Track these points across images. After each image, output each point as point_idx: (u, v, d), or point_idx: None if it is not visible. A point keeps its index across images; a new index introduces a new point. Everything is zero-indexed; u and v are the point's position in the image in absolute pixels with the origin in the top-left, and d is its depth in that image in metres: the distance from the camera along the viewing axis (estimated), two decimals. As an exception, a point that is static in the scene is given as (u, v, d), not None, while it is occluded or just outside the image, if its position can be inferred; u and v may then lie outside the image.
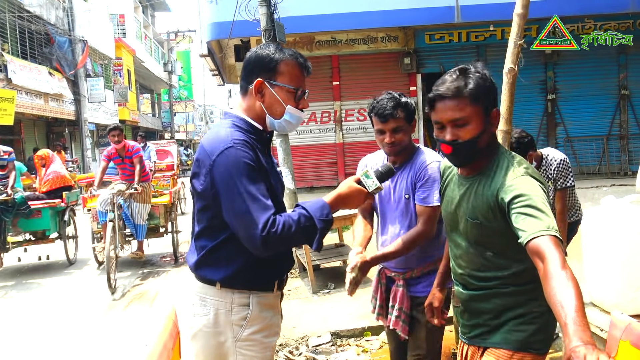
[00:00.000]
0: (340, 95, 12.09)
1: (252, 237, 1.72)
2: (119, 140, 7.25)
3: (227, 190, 1.75)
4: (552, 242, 1.52)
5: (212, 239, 1.88)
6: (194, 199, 1.93)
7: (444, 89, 1.79)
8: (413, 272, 2.59)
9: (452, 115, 1.77)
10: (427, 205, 2.47)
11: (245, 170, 1.75)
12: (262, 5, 6.92)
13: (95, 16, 20.96)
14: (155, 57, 34.10)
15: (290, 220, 1.74)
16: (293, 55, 1.91)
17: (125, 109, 25.49)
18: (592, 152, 11.94)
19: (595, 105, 11.90)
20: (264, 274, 1.92)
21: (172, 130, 37.47)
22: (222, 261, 1.88)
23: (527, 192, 1.65)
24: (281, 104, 1.89)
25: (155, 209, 7.84)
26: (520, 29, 3.14)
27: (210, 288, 1.90)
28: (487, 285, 1.85)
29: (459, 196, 1.89)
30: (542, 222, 1.57)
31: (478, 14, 10.76)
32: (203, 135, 1.97)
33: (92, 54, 21.02)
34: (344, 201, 1.89)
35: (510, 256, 1.79)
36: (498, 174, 1.76)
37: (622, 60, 11.89)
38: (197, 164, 1.87)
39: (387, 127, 2.47)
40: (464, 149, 1.78)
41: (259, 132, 1.93)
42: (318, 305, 5.32)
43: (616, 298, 2.16)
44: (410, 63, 11.78)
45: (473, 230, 1.83)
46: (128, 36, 26.63)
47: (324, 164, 12.03)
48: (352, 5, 10.72)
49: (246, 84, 1.92)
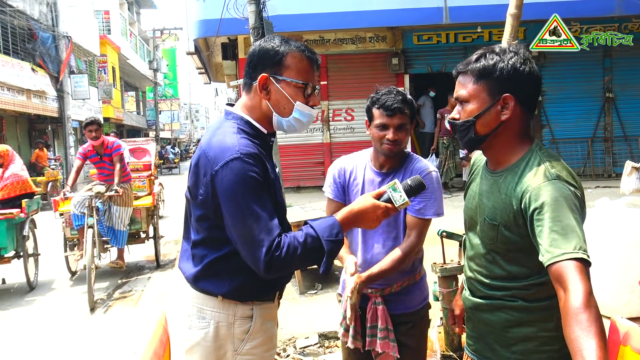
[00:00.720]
0: (328, 95, 12.05)
1: (254, 260, 1.60)
2: (97, 136, 6.48)
3: (230, 207, 1.61)
4: (577, 270, 1.38)
5: (215, 250, 1.74)
6: (190, 205, 1.80)
7: (461, 63, 1.68)
8: (392, 287, 2.37)
9: (457, 92, 1.66)
10: (423, 218, 2.30)
11: (251, 187, 1.61)
12: (251, 3, 6.85)
13: (80, 12, 20.67)
14: (141, 54, 33.81)
15: (296, 242, 1.61)
16: (300, 48, 1.75)
17: (109, 106, 25.22)
18: (577, 154, 12.04)
19: (580, 108, 12.00)
20: (268, 285, 1.80)
21: (157, 128, 37.17)
22: (226, 274, 1.74)
23: (556, 201, 1.47)
24: (289, 100, 1.73)
25: (136, 212, 7.09)
26: (513, 30, 3.14)
27: (210, 299, 1.77)
28: (495, 295, 1.69)
29: (481, 192, 1.72)
30: (568, 242, 1.41)
31: (466, 16, 10.79)
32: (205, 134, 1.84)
33: (77, 50, 20.75)
34: (358, 218, 1.71)
35: (526, 267, 1.62)
36: (526, 174, 1.57)
37: (607, 64, 12.01)
38: (196, 170, 1.71)
39: (392, 122, 2.26)
40: (460, 130, 1.66)
41: (263, 136, 1.77)
42: (305, 306, 5.27)
43: (611, 301, 2.14)
44: (398, 63, 11.78)
45: (489, 232, 1.66)
46: (113, 33, 26.35)
47: (311, 164, 11.98)
48: (341, 5, 10.69)
49: (250, 80, 1.77)
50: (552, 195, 1.48)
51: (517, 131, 1.64)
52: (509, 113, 1.60)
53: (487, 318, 1.72)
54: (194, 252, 1.79)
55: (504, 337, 1.68)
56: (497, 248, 1.66)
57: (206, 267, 1.75)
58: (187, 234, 1.86)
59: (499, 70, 1.60)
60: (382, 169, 2.40)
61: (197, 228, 1.76)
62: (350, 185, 2.46)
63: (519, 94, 1.61)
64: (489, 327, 1.72)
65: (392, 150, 2.30)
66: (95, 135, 6.46)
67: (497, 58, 1.61)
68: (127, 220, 6.71)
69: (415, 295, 2.46)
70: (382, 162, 2.39)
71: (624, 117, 12.08)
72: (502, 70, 1.59)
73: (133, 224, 7.09)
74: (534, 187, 1.52)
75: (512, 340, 1.67)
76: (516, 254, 1.62)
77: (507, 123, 1.62)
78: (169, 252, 8.27)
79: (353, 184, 2.45)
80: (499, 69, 1.60)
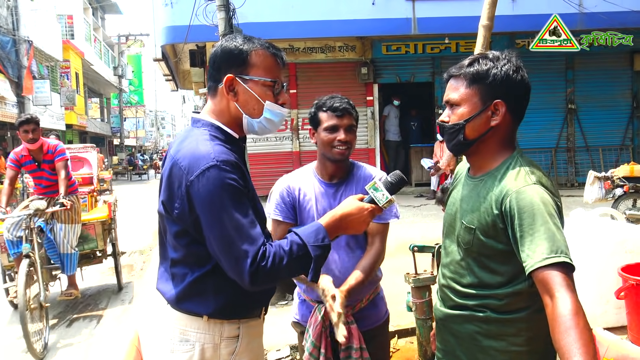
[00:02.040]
0: (298, 103, 12.03)
1: (239, 273, 1.50)
2: (35, 138, 5.26)
3: (209, 218, 1.52)
4: (562, 275, 1.37)
5: (197, 268, 1.62)
6: (165, 222, 1.68)
7: (454, 67, 1.68)
8: (362, 302, 2.32)
9: (448, 95, 1.67)
10: (384, 222, 2.29)
11: (230, 195, 1.51)
12: (221, 10, 6.77)
13: (42, 16, 20.16)
14: (105, 60, 33.16)
15: (282, 251, 1.53)
16: (264, 45, 1.67)
17: (72, 113, 24.60)
18: (541, 163, 12.31)
19: (544, 119, 12.29)
20: (254, 300, 1.71)
21: (121, 135, 36.47)
22: (210, 292, 1.63)
23: (536, 206, 1.47)
24: (258, 100, 1.65)
25: (88, 228, 5.88)
26: (485, 41, 3.16)
27: (194, 320, 1.66)
28: (465, 304, 1.66)
29: (461, 197, 1.72)
30: (551, 246, 1.41)
31: (434, 27, 10.96)
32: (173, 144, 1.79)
33: (38, 55, 20.20)
34: (343, 222, 1.65)
35: (499, 274, 1.60)
36: (506, 178, 1.56)
37: (569, 76, 12.37)
38: (169, 182, 1.60)
39: (342, 123, 2.23)
40: (448, 132, 1.65)
41: (235, 141, 1.68)
42: (276, 317, 5.18)
43: (588, 311, 2.15)
44: (367, 73, 11.85)
45: (465, 236, 1.64)
46: (77, 38, 25.77)
47: (280, 172, 11.84)
48: (311, 14, 10.70)
49: (215, 83, 1.67)
50: (533, 200, 1.48)
51: (503, 138, 1.65)
52: (499, 119, 1.61)
53: (456, 330, 1.70)
54: (173, 271, 1.68)
55: (472, 350, 1.66)
56: (472, 253, 1.64)
57: (189, 286, 1.64)
58: (164, 253, 1.74)
59: (492, 76, 1.60)
60: (332, 179, 2.34)
61: (175, 245, 1.65)
62: (301, 202, 2.36)
63: (510, 100, 1.62)
64: (457, 339, 1.70)
65: (344, 153, 2.25)
66: (32, 137, 5.24)
67: (491, 64, 1.62)
68: (74, 240, 5.51)
69: (380, 307, 2.45)
70: (332, 173, 2.33)
71: (585, 128, 12.43)
72: (495, 76, 1.60)
73: (86, 243, 5.91)
74: (514, 191, 1.51)
75: (481, 354, 1.64)
76: (490, 260, 1.61)
77: (495, 129, 1.62)
78: (134, 263, 8.05)
79: (304, 201, 2.35)
80: (492, 74, 1.60)
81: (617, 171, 7.48)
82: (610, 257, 2.11)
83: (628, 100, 12.53)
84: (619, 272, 1.98)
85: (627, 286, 1.93)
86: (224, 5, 6.72)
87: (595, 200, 7.45)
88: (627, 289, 1.93)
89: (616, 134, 12.57)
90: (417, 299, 3.68)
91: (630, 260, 2.12)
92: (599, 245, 2.14)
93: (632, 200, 7.38)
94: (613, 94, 12.43)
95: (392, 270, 3.58)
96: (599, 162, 12.08)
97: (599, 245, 2.14)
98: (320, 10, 10.70)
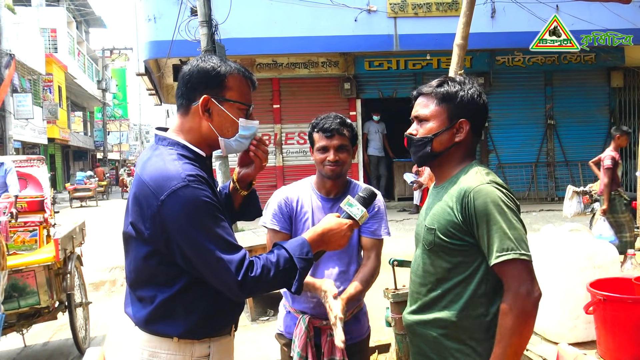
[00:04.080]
0: (281, 118, 12.07)
1: (228, 284, 1.54)
2: None
3: (187, 237, 1.53)
4: (515, 270, 1.57)
5: (166, 289, 1.61)
6: (132, 244, 1.66)
7: (424, 86, 1.83)
8: (345, 316, 2.30)
9: (417, 111, 1.82)
10: (378, 238, 2.38)
11: (206, 211, 1.54)
12: (203, 26, 6.82)
13: (25, 29, 20.04)
14: (89, 74, 33.00)
15: (269, 263, 1.58)
16: (239, 69, 1.71)
17: (54, 126, 24.39)
18: (522, 178, 12.47)
19: (524, 134, 12.49)
20: (224, 318, 1.72)
21: (105, 149, 36.18)
22: (180, 313, 1.63)
23: (495, 203, 1.62)
24: (233, 121, 1.69)
25: (25, 277, 4.26)
26: (460, 59, 3.23)
27: (164, 342, 1.65)
28: (429, 305, 1.77)
29: (427, 206, 1.85)
30: (503, 242, 1.58)
31: (415, 43, 11.10)
32: (138, 162, 1.80)
33: (20, 68, 20.04)
34: (325, 238, 1.71)
35: (461, 273, 1.70)
36: (463, 179, 1.72)
37: (548, 92, 12.59)
38: (138, 204, 1.59)
39: (332, 144, 2.32)
40: (416, 144, 1.80)
41: (202, 159, 1.70)
42: (257, 333, 5.16)
43: (557, 327, 2.19)
44: (350, 88, 11.95)
45: (427, 237, 1.76)
46: (60, 51, 25.64)
47: (263, 187, 11.90)
48: (293, 30, 10.78)
49: (188, 102, 1.68)
50: (487, 200, 1.63)
51: (465, 152, 1.81)
52: (462, 135, 1.78)
53: (422, 333, 1.79)
54: (141, 293, 1.66)
55: (440, 351, 1.74)
56: (433, 253, 1.75)
57: (158, 307, 1.63)
58: (130, 274, 1.72)
59: (459, 97, 1.77)
60: (329, 194, 2.41)
61: (144, 267, 1.64)
62: (298, 214, 2.42)
63: (473, 120, 1.79)
64: (426, 344, 1.78)
65: (335, 171, 2.33)
66: None
67: (459, 87, 1.78)
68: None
69: (363, 322, 2.50)
70: (329, 188, 2.41)
71: (564, 143, 12.63)
72: (463, 98, 1.77)
73: (23, 298, 4.26)
74: (472, 189, 1.66)
75: (448, 355, 1.72)
76: (449, 259, 1.72)
77: (459, 144, 1.79)
78: (116, 278, 7.93)
79: (301, 213, 2.41)
80: (460, 96, 1.77)
81: (595, 186, 7.60)
82: (579, 272, 2.15)
83: (606, 116, 12.77)
84: (587, 288, 2.02)
85: (595, 301, 1.97)
86: (206, 21, 6.77)
87: (574, 215, 7.55)
88: (595, 304, 1.97)
89: (595, 149, 12.74)
90: (396, 314, 3.69)
91: (599, 275, 2.16)
92: (568, 261, 2.18)
93: (610, 214, 7.49)
94: (591, 110, 12.66)
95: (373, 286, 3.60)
96: (579, 177, 12.26)
97: (568, 261, 2.18)
98: (303, 26, 10.80)
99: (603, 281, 2.08)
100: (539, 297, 1.59)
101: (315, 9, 10.38)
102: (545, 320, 2.51)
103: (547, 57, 12.13)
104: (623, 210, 6.72)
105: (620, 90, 12.65)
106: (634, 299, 1.93)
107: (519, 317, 1.55)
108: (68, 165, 31.64)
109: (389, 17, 10.94)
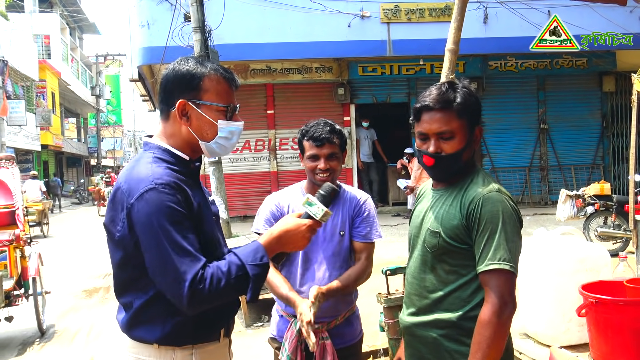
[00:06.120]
0: (275, 123, 12.07)
1: (176, 296, 1.49)
2: None
3: (147, 240, 1.51)
4: (498, 281, 1.57)
5: (141, 294, 1.59)
6: (111, 248, 1.64)
7: (432, 100, 1.74)
8: (337, 319, 2.38)
9: (439, 128, 1.73)
10: (369, 242, 2.40)
11: (168, 217, 1.50)
12: (197, 32, 6.83)
13: (18, 36, 20.00)
14: (83, 80, 32.92)
15: (219, 272, 1.51)
16: (216, 69, 1.66)
17: (48, 133, 24.31)
18: (515, 182, 12.51)
19: (518, 138, 12.54)
20: (207, 324, 1.66)
21: (98, 156, 36.07)
22: (158, 318, 1.60)
23: (494, 214, 1.64)
24: (212, 123, 1.64)
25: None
26: (452, 64, 3.24)
27: (146, 347, 1.63)
28: (428, 307, 1.76)
29: (426, 209, 1.83)
30: (498, 251, 1.58)
31: (409, 49, 11.15)
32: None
33: (14, 75, 19.99)
34: (282, 239, 1.65)
35: (463, 275, 1.72)
36: (472, 187, 1.72)
37: (540, 97, 12.66)
38: (113, 205, 1.59)
39: (322, 152, 2.32)
40: (447, 162, 1.74)
41: (185, 162, 1.67)
42: (252, 339, 5.13)
43: (550, 329, 2.19)
44: (344, 94, 11.98)
45: (431, 240, 1.75)
46: (53, 58, 25.57)
47: (257, 193, 11.88)
48: (287, 36, 10.81)
49: (167, 107, 1.66)
50: (498, 207, 1.64)
51: (472, 156, 1.82)
52: (478, 143, 1.80)
53: (421, 335, 1.77)
54: (122, 299, 1.67)
55: (438, 353, 1.74)
56: (436, 257, 1.75)
57: (136, 313, 1.62)
58: (113, 281, 1.71)
59: (472, 105, 1.76)
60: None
61: (119, 273, 1.64)
62: None
63: (480, 124, 1.81)
64: (425, 346, 1.77)
65: (325, 179, 2.32)
66: None
67: (467, 92, 1.76)
68: None
69: (355, 326, 2.51)
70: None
71: (557, 147, 12.69)
72: (475, 105, 1.77)
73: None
74: (481, 195, 1.67)
75: (447, 356, 1.72)
76: (453, 262, 1.72)
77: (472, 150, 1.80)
78: (110, 285, 7.88)
79: None
80: (472, 103, 1.76)
81: (588, 189, 7.63)
82: (571, 275, 2.16)
83: (598, 120, 12.84)
84: (579, 291, 2.03)
85: (587, 304, 1.98)
86: (199, 27, 6.78)
87: (568, 218, 7.57)
88: (588, 307, 1.98)
89: (587, 153, 12.86)
90: (389, 319, 3.69)
91: (591, 278, 2.18)
92: (561, 264, 2.19)
93: (603, 218, 7.53)
94: (583, 114, 12.73)
95: (366, 291, 3.59)
96: (572, 181, 12.32)
97: (561, 264, 2.19)
98: (296, 32, 10.82)
99: (595, 284, 2.09)
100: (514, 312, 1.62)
101: (308, 14, 10.41)
102: (537, 324, 2.52)
103: (539, 62, 12.22)
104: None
105: (612, 94, 12.73)
106: (626, 302, 1.94)
107: (502, 327, 1.56)
108: (62, 172, 31.53)
109: (382, 22, 10.98)
